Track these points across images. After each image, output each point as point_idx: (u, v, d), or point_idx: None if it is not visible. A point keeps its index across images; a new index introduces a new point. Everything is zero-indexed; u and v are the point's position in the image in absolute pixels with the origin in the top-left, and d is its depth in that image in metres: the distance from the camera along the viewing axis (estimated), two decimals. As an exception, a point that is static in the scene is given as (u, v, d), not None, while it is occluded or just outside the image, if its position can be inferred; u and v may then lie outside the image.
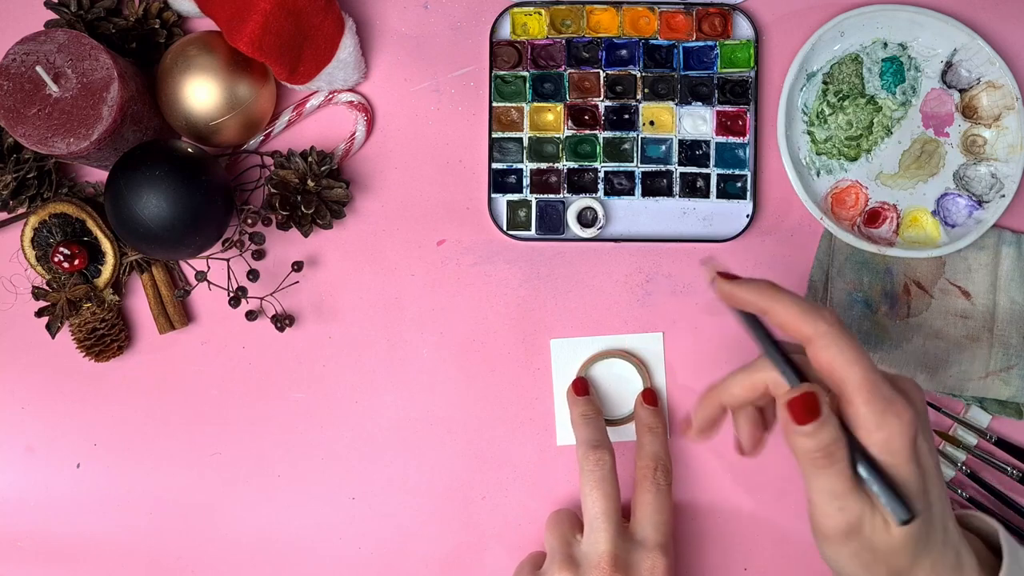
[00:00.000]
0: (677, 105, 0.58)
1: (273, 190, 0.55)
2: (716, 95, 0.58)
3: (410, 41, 0.59)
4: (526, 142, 0.58)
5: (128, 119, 0.51)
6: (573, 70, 0.58)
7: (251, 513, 0.58)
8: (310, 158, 0.55)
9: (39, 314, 0.55)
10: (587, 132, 0.58)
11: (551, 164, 0.58)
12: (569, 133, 0.58)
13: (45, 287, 0.56)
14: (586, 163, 0.58)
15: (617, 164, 0.58)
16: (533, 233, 0.58)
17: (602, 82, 0.58)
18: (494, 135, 0.58)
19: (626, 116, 0.58)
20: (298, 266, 0.57)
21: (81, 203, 0.55)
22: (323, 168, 0.55)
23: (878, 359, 0.57)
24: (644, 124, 0.58)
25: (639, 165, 0.58)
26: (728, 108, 0.58)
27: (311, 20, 0.52)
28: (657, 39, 0.58)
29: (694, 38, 0.58)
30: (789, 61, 0.57)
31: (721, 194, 0.58)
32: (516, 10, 0.58)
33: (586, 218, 0.58)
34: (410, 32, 0.59)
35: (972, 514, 0.49)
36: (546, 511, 0.57)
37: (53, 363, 0.58)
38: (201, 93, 0.53)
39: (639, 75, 0.58)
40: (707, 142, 0.58)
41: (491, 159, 0.58)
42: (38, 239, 0.55)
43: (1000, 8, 0.58)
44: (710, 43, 0.58)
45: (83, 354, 0.56)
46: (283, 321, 0.56)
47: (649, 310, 0.58)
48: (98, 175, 0.58)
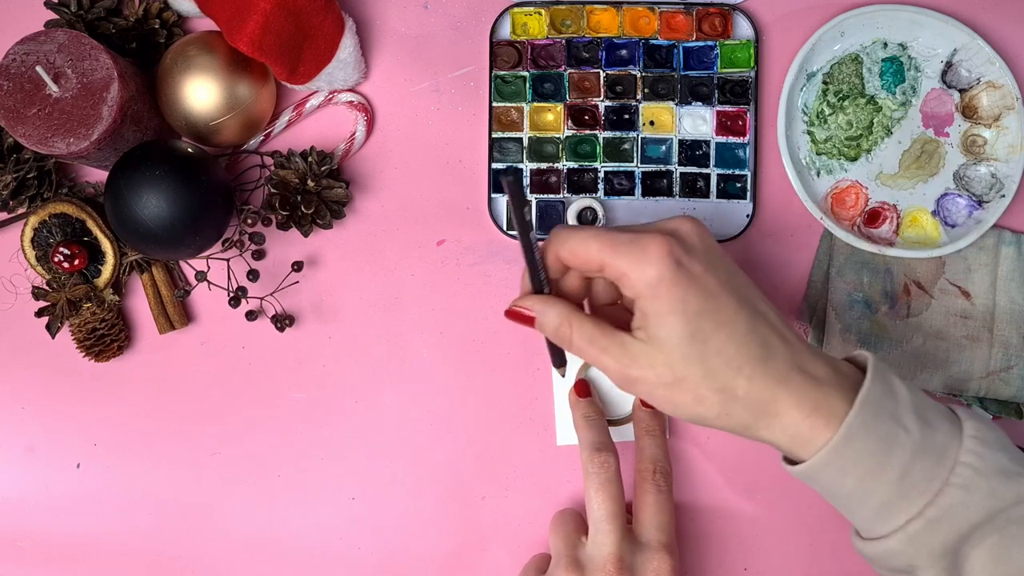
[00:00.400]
0: (677, 105, 0.58)
1: (273, 190, 0.55)
2: (716, 95, 0.58)
3: (410, 41, 0.59)
4: (526, 142, 0.58)
5: (128, 119, 0.51)
6: (573, 70, 0.58)
7: (251, 513, 0.58)
8: (310, 158, 0.55)
9: (39, 314, 0.55)
10: (587, 132, 0.58)
11: (551, 164, 0.58)
12: (569, 133, 0.58)
13: (45, 287, 0.56)
14: (586, 163, 0.58)
15: (617, 164, 0.58)
16: (533, 233, 0.58)
17: (602, 82, 0.58)
18: (494, 135, 0.58)
19: (626, 116, 0.58)
20: (298, 266, 0.57)
21: (81, 203, 0.55)
22: (323, 168, 0.55)
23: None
24: (644, 124, 0.58)
25: (639, 165, 0.58)
26: (728, 108, 0.58)
27: (311, 20, 0.52)
28: (657, 39, 0.58)
29: (694, 38, 0.58)
30: (789, 61, 0.57)
31: (721, 194, 0.58)
32: (516, 10, 0.58)
33: (586, 218, 0.58)
34: (410, 32, 0.59)
35: (855, 353, 0.48)
36: (546, 511, 0.57)
37: (53, 363, 0.58)
38: (201, 93, 0.53)
39: (639, 75, 0.58)
40: (707, 142, 0.58)
41: (491, 159, 0.58)
42: (38, 239, 0.55)
43: (1000, 8, 0.58)
44: (710, 43, 0.58)
45: (83, 354, 0.56)
46: (283, 321, 0.56)
47: (649, 310, 0.58)
48: (98, 175, 0.58)
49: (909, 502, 0.43)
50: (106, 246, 0.56)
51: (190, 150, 0.52)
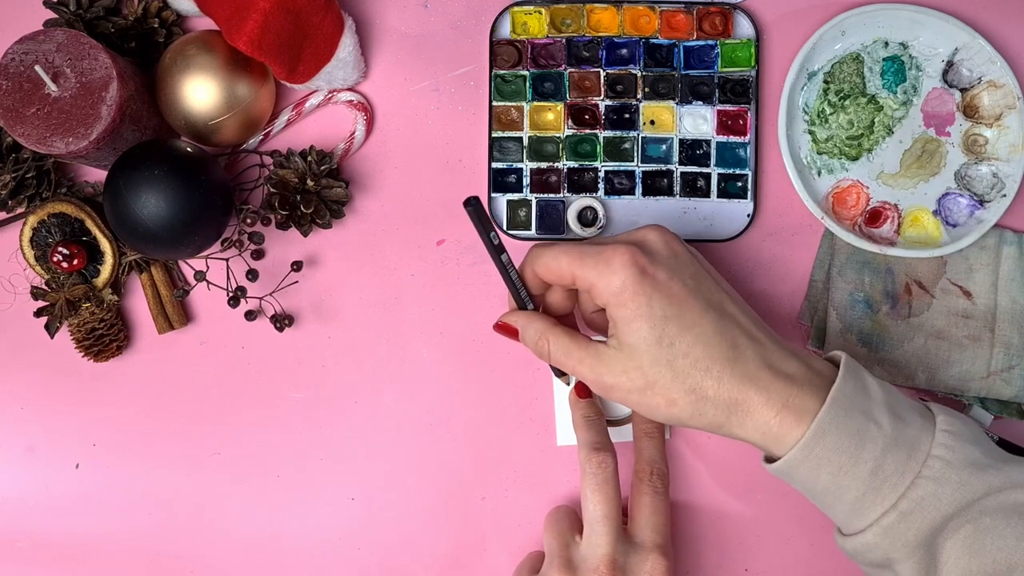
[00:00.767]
0: (678, 104, 0.58)
1: (272, 190, 0.55)
2: (717, 94, 0.58)
3: (410, 40, 0.59)
4: (526, 141, 0.58)
5: (127, 118, 0.51)
6: (573, 69, 0.58)
7: (251, 513, 0.58)
8: (309, 158, 0.55)
9: (38, 314, 0.55)
10: (587, 131, 0.58)
11: (551, 164, 0.58)
12: (569, 132, 0.58)
13: (44, 287, 0.56)
14: (586, 163, 0.58)
15: (617, 163, 0.58)
16: (533, 233, 0.58)
17: (602, 81, 0.58)
18: (494, 134, 0.58)
19: (626, 115, 0.58)
20: (297, 266, 0.56)
21: (80, 203, 0.55)
22: (322, 168, 0.55)
23: (879, 359, 0.57)
24: (644, 123, 0.58)
25: (639, 164, 0.58)
26: (729, 107, 0.58)
27: (311, 19, 0.52)
28: (658, 38, 0.58)
29: (695, 37, 0.58)
30: (790, 60, 0.57)
31: (722, 194, 0.58)
32: (516, 9, 0.58)
33: (586, 218, 0.57)
34: (410, 31, 0.59)
35: (831, 353, 0.49)
36: (546, 511, 0.57)
37: (52, 363, 0.58)
38: (200, 92, 0.53)
39: (639, 74, 0.58)
40: (708, 141, 0.58)
41: (491, 159, 0.58)
42: (37, 239, 0.55)
43: (1001, 7, 0.58)
44: (711, 42, 0.58)
45: (82, 354, 0.56)
46: (282, 321, 0.56)
47: (649, 310, 0.58)
48: (97, 175, 0.58)
49: (882, 496, 0.44)
50: (105, 246, 0.55)
51: (189, 150, 0.52)
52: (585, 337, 0.48)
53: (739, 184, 0.58)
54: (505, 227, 0.58)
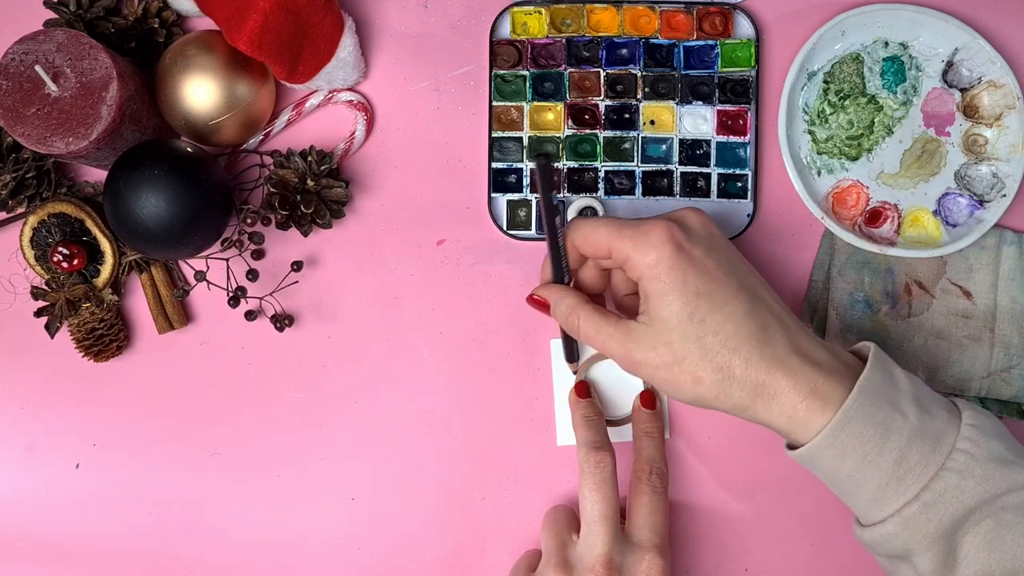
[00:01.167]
0: (678, 104, 0.58)
1: (272, 190, 0.55)
2: (717, 94, 0.58)
3: (410, 40, 0.59)
4: (526, 141, 0.58)
5: (127, 118, 0.51)
6: (573, 69, 0.58)
7: (251, 513, 0.58)
8: (310, 157, 0.55)
9: (38, 314, 0.55)
10: (587, 131, 0.58)
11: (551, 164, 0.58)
12: (569, 132, 0.58)
13: (44, 287, 0.56)
14: (586, 162, 0.58)
15: (617, 163, 0.58)
16: (533, 233, 0.58)
17: (602, 81, 0.58)
18: (494, 134, 0.58)
19: (626, 115, 0.58)
20: (297, 266, 0.56)
21: (80, 203, 0.55)
22: (323, 168, 0.55)
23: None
24: (644, 123, 0.58)
25: (639, 164, 0.58)
26: (729, 107, 0.58)
27: (311, 19, 0.52)
28: (658, 38, 0.58)
29: (695, 37, 0.58)
30: (790, 60, 0.57)
31: (722, 194, 0.58)
32: (516, 9, 0.58)
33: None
34: (410, 31, 0.59)
35: (858, 345, 0.49)
36: (546, 511, 0.57)
37: (52, 363, 0.58)
38: (200, 92, 0.53)
39: (639, 74, 0.58)
40: (708, 141, 0.58)
41: (491, 159, 0.58)
42: (37, 239, 0.55)
43: (1001, 7, 0.58)
44: (711, 42, 0.58)
45: (82, 354, 0.56)
46: (282, 321, 0.56)
47: (649, 310, 0.58)
48: (97, 175, 0.58)
49: (905, 486, 0.44)
50: (105, 246, 0.55)
51: (189, 149, 0.52)
52: (615, 314, 0.49)
53: (739, 184, 0.58)
54: (505, 227, 0.58)
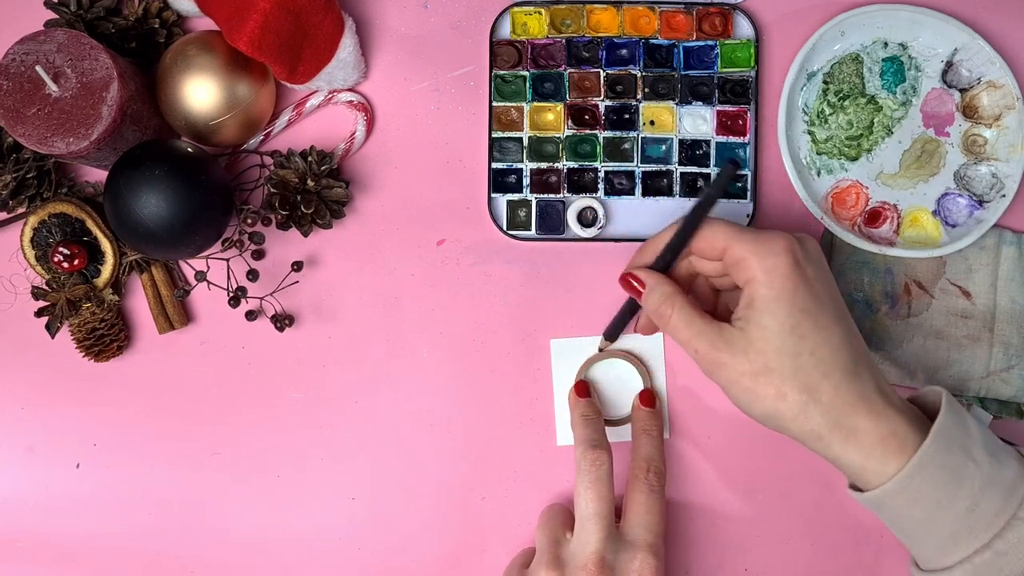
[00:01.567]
0: (677, 105, 0.58)
1: (273, 190, 0.55)
2: (716, 95, 0.58)
3: (410, 41, 0.59)
4: (526, 142, 0.58)
5: (128, 119, 0.51)
6: (573, 70, 0.58)
7: (251, 513, 0.58)
8: (310, 158, 0.55)
9: (39, 314, 0.55)
10: (587, 132, 0.58)
11: (551, 164, 0.58)
12: (569, 133, 0.58)
13: (45, 287, 0.56)
14: (586, 163, 0.58)
15: (617, 164, 0.58)
16: (533, 233, 0.58)
17: (602, 82, 0.58)
18: (494, 135, 0.58)
19: (626, 116, 0.58)
20: (298, 266, 0.57)
21: (80, 203, 0.55)
22: (323, 168, 0.55)
23: (879, 359, 0.57)
24: (644, 124, 0.58)
25: (639, 165, 0.58)
26: (728, 108, 0.58)
27: (311, 19, 0.52)
28: (657, 39, 0.58)
29: (694, 38, 0.58)
30: (789, 61, 0.57)
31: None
32: (516, 9, 0.58)
33: (586, 218, 0.58)
34: (410, 32, 0.59)
35: (925, 390, 0.49)
36: (546, 511, 0.57)
37: (53, 363, 0.58)
38: (201, 93, 0.53)
39: (639, 75, 0.58)
40: (707, 142, 0.58)
41: (491, 159, 0.58)
42: (38, 239, 0.55)
43: (1000, 7, 0.58)
44: (710, 43, 0.58)
45: (82, 354, 0.56)
46: (283, 321, 0.56)
47: (649, 310, 0.58)
48: (98, 175, 0.58)
49: (975, 535, 0.44)
50: (106, 246, 0.55)
51: (190, 150, 0.52)
52: (707, 313, 0.49)
53: (739, 184, 0.58)
54: (505, 227, 0.58)
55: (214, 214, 0.52)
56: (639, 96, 0.58)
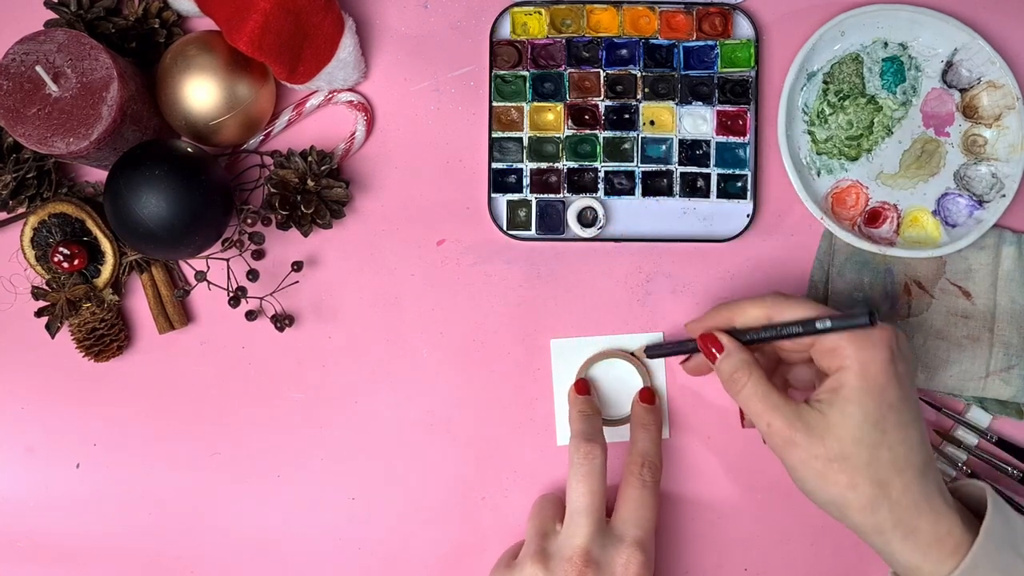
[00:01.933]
0: (677, 105, 0.58)
1: (273, 190, 0.55)
2: (716, 95, 0.58)
3: (410, 41, 0.59)
4: (526, 142, 0.58)
5: (128, 119, 0.51)
6: (573, 70, 0.58)
7: (251, 513, 0.58)
8: (310, 158, 0.55)
9: (39, 314, 0.55)
10: (587, 132, 0.58)
11: (551, 164, 0.58)
12: (569, 133, 0.58)
13: (45, 287, 0.56)
14: (586, 163, 0.58)
15: (617, 164, 0.58)
16: (533, 233, 0.58)
17: (602, 82, 0.58)
18: (494, 135, 0.58)
19: (626, 116, 0.58)
20: (298, 266, 0.57)
21: (80, 203, 0.55)
22: (323, 168, 0.55)
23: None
24: (644, 124, 0.58)
25: (639, 165, 0.58)
26: (728, 108, 0.58)
27: (311, 19, 0.52)
28: (657, 39, 0.58)
29: (694, 38, 0.58)
30: (789, 61, 0.57)
31: (721, 194, 0.58)
32: (516, 9, 0.58)
33: (586, 218, 0.58)
34: (410, 32, 0.59)
35: (964, 483, 0.50)
36: (546, 511, 0.57)
37: (53, 363, 0.58)
38: (201, 93, 0.53)
39: (639, 75, 0.58)
40: (707, 142, 0.58)
41: (491, 159, 0.58)
42: (38, 239, 0.55)
43: (1000, 7, 0.58)
44: (710, 43, 0.58)
45: (83, 354, 0.56)
46: (283, 321, 0.56)
47: (649, 310, 0.58)
48: (98, 175, 0.58)
49: None
50: (106, 246, 0.56)
51: (190, 150, 0.52)
52: (781, 389, 0.49)
53: (739, 184, 0.58)
54: (505, 227, 0.58)
55: (214, 214, 0.52)
56: (639, 96, 0.58)
